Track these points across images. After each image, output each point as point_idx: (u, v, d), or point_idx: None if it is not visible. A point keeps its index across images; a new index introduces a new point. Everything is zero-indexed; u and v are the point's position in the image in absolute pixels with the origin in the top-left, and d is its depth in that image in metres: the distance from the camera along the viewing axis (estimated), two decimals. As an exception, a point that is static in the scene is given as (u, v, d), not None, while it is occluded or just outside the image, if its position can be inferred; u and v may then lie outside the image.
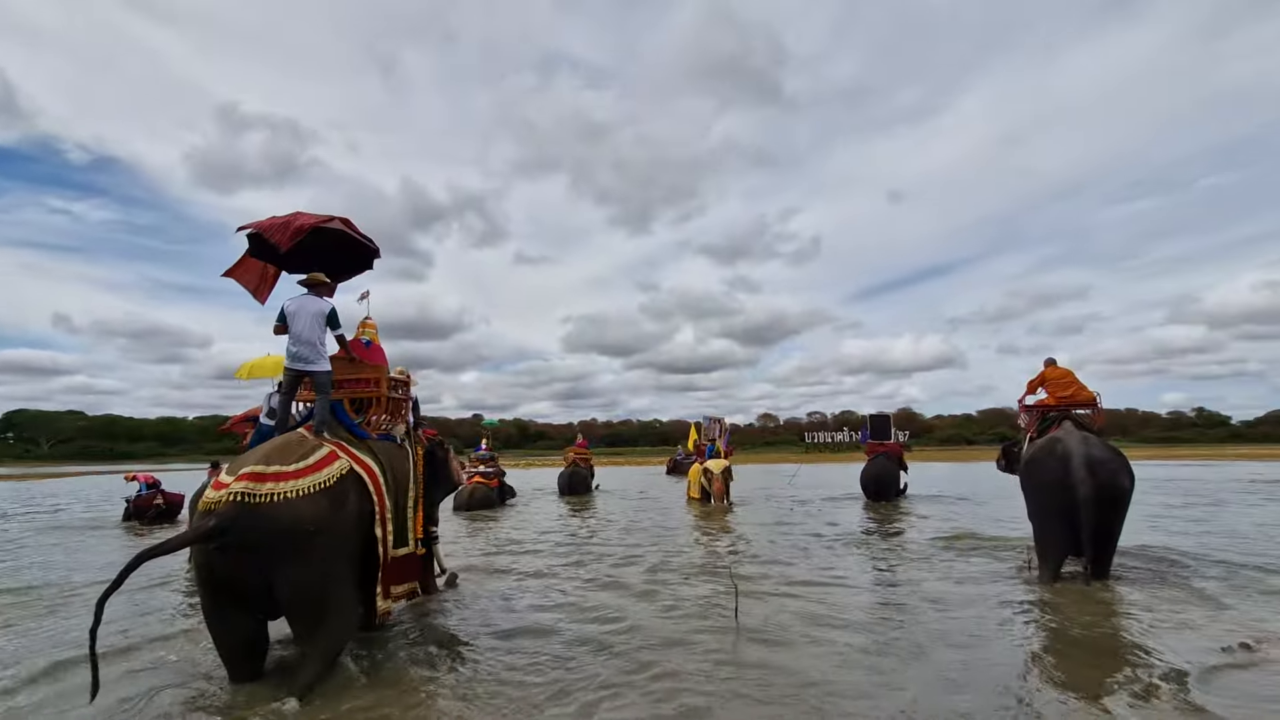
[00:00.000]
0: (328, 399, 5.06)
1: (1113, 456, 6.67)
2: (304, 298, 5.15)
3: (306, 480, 4.20)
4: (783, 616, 5.68)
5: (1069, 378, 7.89)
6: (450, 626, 5.56)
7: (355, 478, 4.64)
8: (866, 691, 3.96)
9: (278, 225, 4.89)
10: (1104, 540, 6.57)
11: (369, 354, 5.71)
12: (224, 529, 3.88)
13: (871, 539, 10.38)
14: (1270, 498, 16.48)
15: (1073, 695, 3.82)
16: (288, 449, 4.37)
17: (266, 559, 3.96)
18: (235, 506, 3.93)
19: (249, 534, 3.91)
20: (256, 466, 4.12)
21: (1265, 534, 10.13)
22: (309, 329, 5.01)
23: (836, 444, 68.72)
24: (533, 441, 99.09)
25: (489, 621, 5.67)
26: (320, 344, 5.09)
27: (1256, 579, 6.80)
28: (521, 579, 7.55)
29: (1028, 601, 6.04)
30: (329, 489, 4.30)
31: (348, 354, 5.44)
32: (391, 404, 5.61)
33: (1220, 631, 4.98)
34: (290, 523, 4.00)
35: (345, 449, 4.74)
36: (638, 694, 3.99)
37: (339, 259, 5.74)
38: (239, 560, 3.93)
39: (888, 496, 16.76)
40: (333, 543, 4.27)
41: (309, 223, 4.92)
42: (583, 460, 22.05)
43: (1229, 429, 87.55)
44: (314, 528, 4.10)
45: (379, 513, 4.80)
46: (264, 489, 4.01)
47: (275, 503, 4.00)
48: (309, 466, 4.29)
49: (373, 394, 5.45)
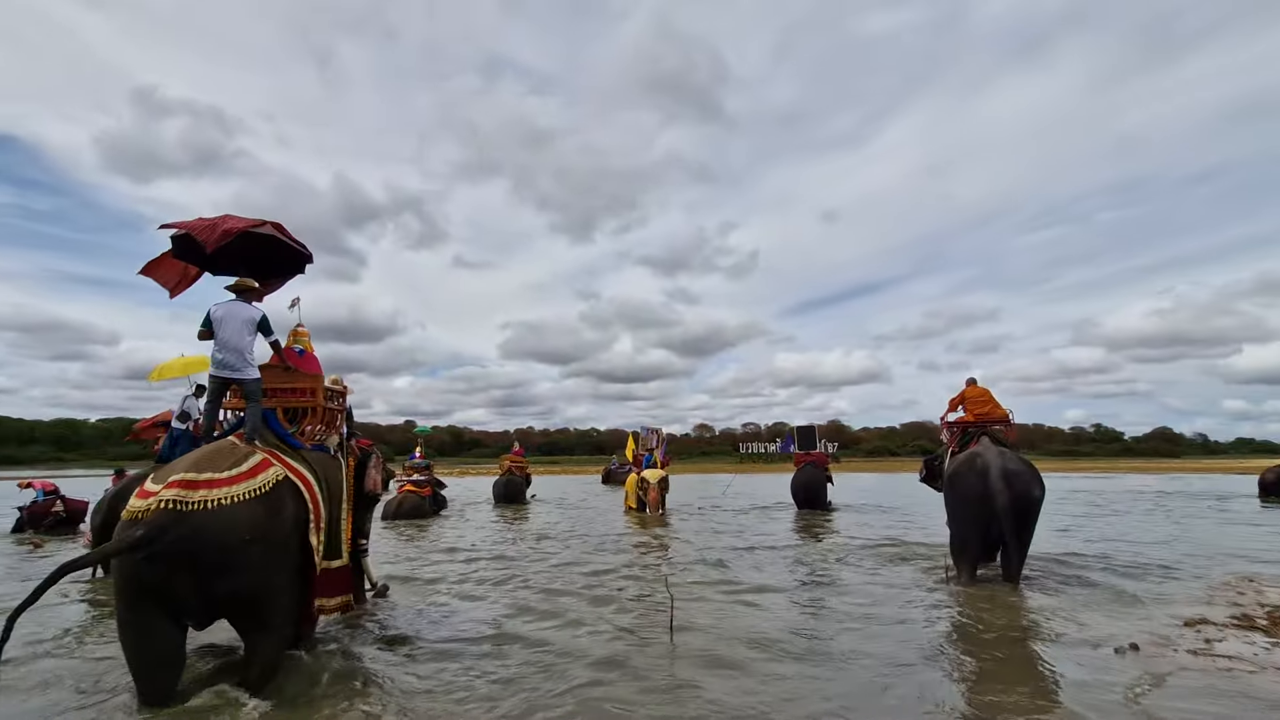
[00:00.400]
0: (259, 406, 4.90)
1: (1026, 469, 7.18)
2: (232, 304, 4.97)
3: (240, 487, 4.05)
4: (717, 625, 5.79)
5: (986, 396, 8.44)
6: (379, 641, 5.38)
7: (290, 485, 4.48)
8: (800, 695, 4.10)
9: (205, 226, 4.69)
10: (1018, 545, 7.06)
11: (303, 363, 5.57)
12: (152, 538, 3.68)
13: (803, 548, 10.69)
14: (1158, 507, 18.03)
15: (987, 695, 4.08)
16: (219, 456, 4.21)
17: (200, 569, 3.80)
18: (166, 514, 3.75)
19: (181, 543, 3.73)
20: (188, 474, 3.95)
21: (1154, 541, 11.08)
22: (237, 336, 4.83)
23: (769, 455, 70.41)
24: (467, 449, 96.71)
25: (420, 635, 5.53)
26: (248, 351, 4.90)
27: (1146, 584, 7.42)
28: (452, 591, 7.38)
29: (948, 606, 6.39)
30: (264, 496, 4.17)
31: (283, 362, 5.27)
32: (327, 414, 5.45)
33: (1115, 631, 5.40)
34: (224, 531, 3.86)
35: (278, 457, 4.58)
36: (572, 704, 3.99)
37: (268, 263, 5.49)
38: (169, 570, 3.74)
39: (818, 503, 17.36)
40: (269, 551, 4.14)
41: (238, 226, 4.74)
42: (519, 469, 21.79)
43: (1122, 444, 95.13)
44: (249, 536, 3.97)
45: (314, 522, 4.64)
46: (196, 496, 3.86)
47: (208, 510, 3.85)
48: (242, 473, 4.14)
49: (308, 404, 5.28)
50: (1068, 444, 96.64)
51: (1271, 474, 20.28)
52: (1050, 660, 4.71)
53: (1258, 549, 10.09)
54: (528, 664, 4.76)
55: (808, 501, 17.42)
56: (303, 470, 4.72)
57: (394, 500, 15.67)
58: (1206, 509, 17.50)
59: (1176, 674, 4.34)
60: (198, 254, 5.07)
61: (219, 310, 4.90)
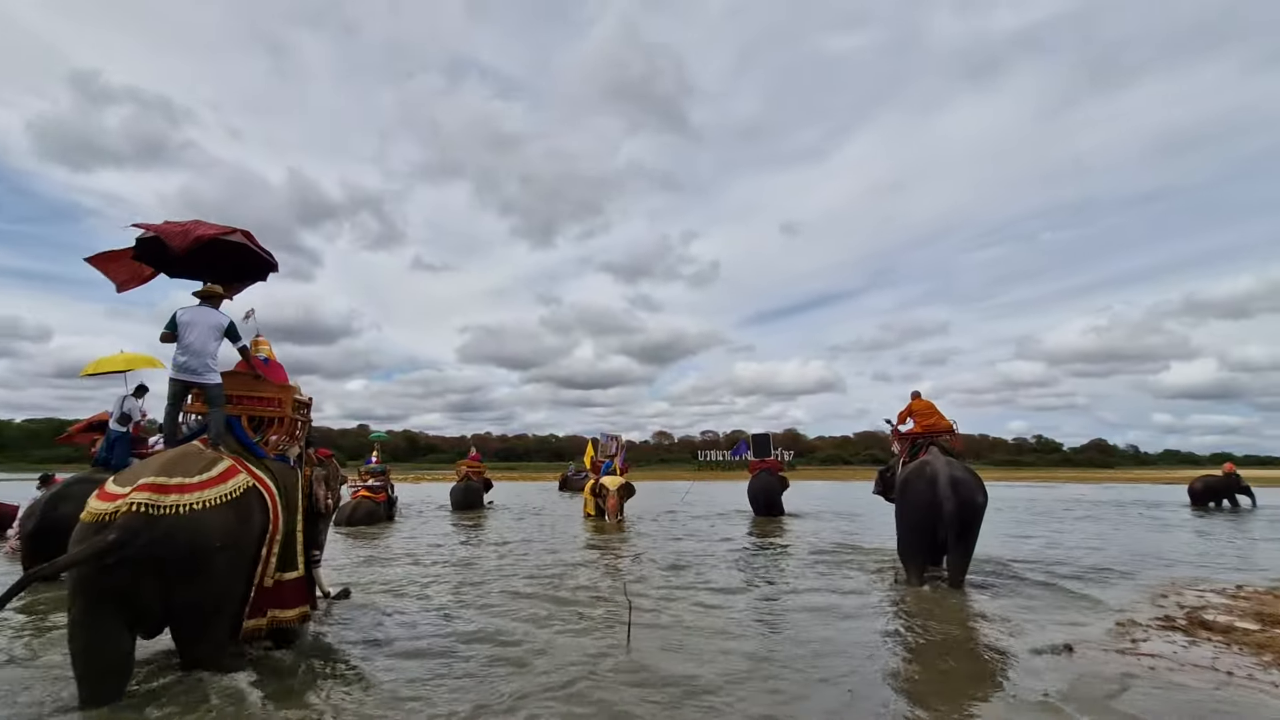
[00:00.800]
0: (221, 412, 4.87)
1: (971, 477, 7.57)
2: (198, 309, 4.98)
3: (211, 492, 4.02)
4: (674, 628, 5.86)
5: (931, 408, 8.86)
6: (340, 644, 5.28)
7: (258, 493, 4.48)
8: (751, 696, 4.20)
9: (178, 231, 4.67)
10: (962, 550, 7.45)
11: (270, 371, 5.54)
12: (125, 542, 3.61)
13: (759, 552, 10.88)
14: (1092, 515, 18.99)
15: (929, 695, 4.27)
16: (187, 460, 4.15)
17: (168, 574, 3.75)
18: (138, 518, 3.69)
19: (153, 547, 3.67)
20: (157, 478, 3.89)
21: (1089, 547, 11.67)
22: (202, 340, 4.83)
23: (727, 462, 71.21)
24: (423, 454, 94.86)
25: (379, 639, 5.43)
26: (212, 357, 4.90)
27: (1080, 588, 7.82)
28: (411, 595, 7.27)
29: (896, 609, 6.62)
30: (234, 502, 4.15)
31: (250, 370, 5.27)
32: (291, 424, 5.43)
33: (1051, 634, 5.68)
34: (196, 536, 3.83)
35: (244, 464, 4.54)
36: (528, 707, 4.01)
37: (231, 269, 5.43)
38: (135, 575, 3.67)
39: (775, 509, 17.73)
40: (236, 559, 4.14)
41: (209, 233, 4.74)
42: (476, 474, 21.54)
43: (1061, 454, 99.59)
44: (219, 543, 3.95)
45: (271, 532, 4.60)
46: (168, 500, 3.81)
47: (180, 515, 3.81)
48: (212, 479, 4.11)
49: (275, 413, 5.28)
50: (1011, 454, 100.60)
51: (1199, 484, 21.64)
52: (989, 661, 4.94)
53: (1181, 555, 10.76)
54: (485, 668, 4.73)
55: (766, 507, 17.75)
56: (266, 479, 4.68)
57: (348, 506, 15.34)
58: (1138, 516, 18.53)
59: (1106, 673, 4.60)
60: (158, 256, 5.02)
61: (186, 314, 4.89)
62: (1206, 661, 4.83)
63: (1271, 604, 6.71)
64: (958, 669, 4.77)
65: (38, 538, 7.76)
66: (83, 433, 11.11)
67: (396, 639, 5.51)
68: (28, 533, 7.98)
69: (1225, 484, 21.08)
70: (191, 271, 5.31)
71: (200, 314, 4.94)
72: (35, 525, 7.90)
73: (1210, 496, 21.06)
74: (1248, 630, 5.70)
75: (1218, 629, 5.73)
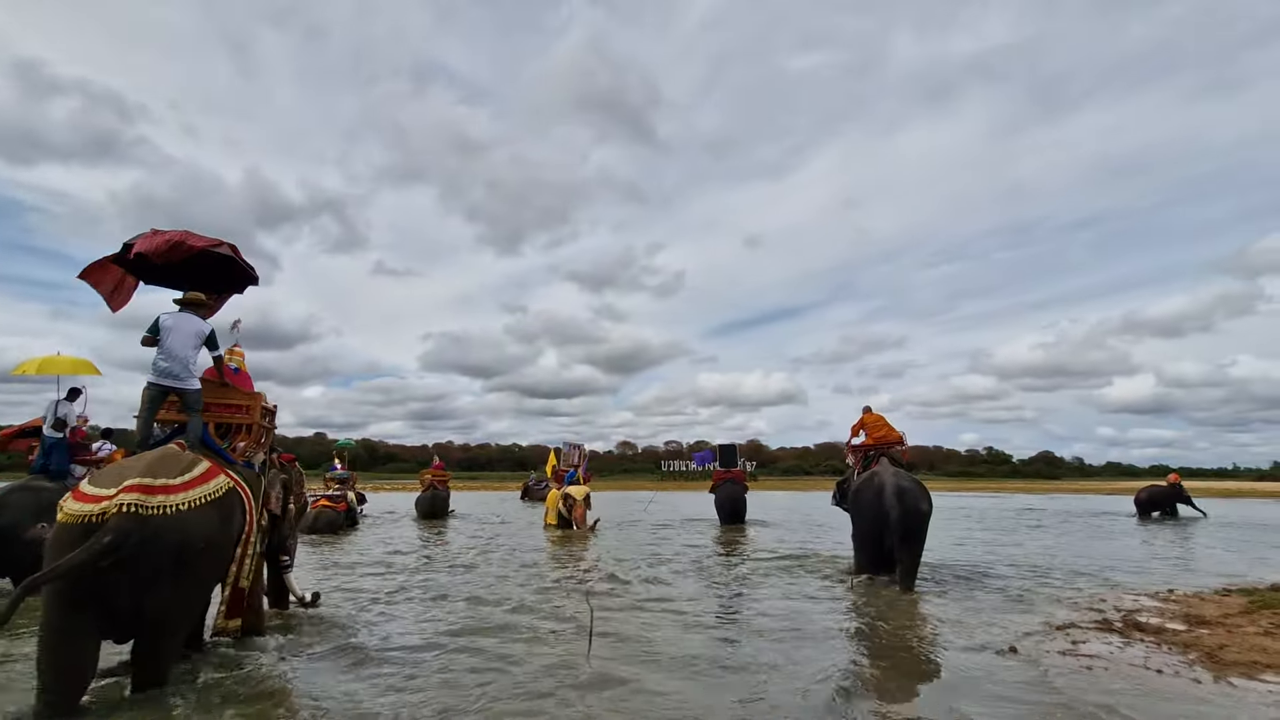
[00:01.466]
0: (199, 417, 5.00)
1: (916, 487, 8.06)
2: (181, 315, 5.09)
3: (195, 492, 4.07)
4: (635, 635, 5.95)
5: (882, 421, 9.39)
6: (298, 653, 5.21)
7: (237, 494, 4.56)
8: (710, 700, 4.32)
9: (167, 246, 4.83)
10: (909, 555, 7.84)
11: (239, 380, 5.70)
12: (119, 544, 3.59)
13: (721, 560, 11.06)
14: (1039, 524, 19.79)
15: (880, 695, 4.47)
16: (167, 461, 4.18)
17: (153, 574, 3.75)
18: (130, 519, 3.69)
19: (144, 547, 3.68)
20: (143, 479, 3.90)
21: (1034, 554, 12.18)
22: (182, 346, 4.95)
23: (690, 472, 71.46)
24: (383, 463, 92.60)
25: (347, 645, 5.38)
26: (192, 363, 5.02)
27: (1026, 592, 8.17)
28: (379, 602, 7.19)
29: (850, 612, 6.87)
30: (217, 502, 4.22)
31: (220, 378, 5.40)
32: (259, 432, 5.55)
33: (997, 635, 5.94)
34: (183, 537, 3.88)
35: (221, 467, 4.57)
36: (490, 711, 4.05)
37: (211, 278, 5.55)
38: (118, 576, 3.63)
39: (739, 517, 18.29)
40: (216, 559, 4.19)
41: (199, 245, 4.93)
42: (440, 482, 21.50)
43: (1011, 466, 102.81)
44: (203, 544, 4.01)
45: (246, 534, 4.66)
46: (155, 501, 3.82)
47: (168, 516, 3.84)
48: (195, 479, 4.15)
49: (243, 420, 5.43)
50: (963, 465, 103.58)
51: (1144, 494, 22.56)
52: (939, 662, 5.17)
53: (1119, 561, 11.32)
54: (452, 675, 4.75)
55: (731, 515, 18.21)
56: (241, 482, 4.70)
57: (309, 515, 15.06)
58: (1082, 525, 19.36)
59: (1048, 673, 4.86)
60: (141, 265, 5.10)
61: (169, 320, 4.99)
62: (1139, 660, 5.14)
63: (1198, 606, 7.16)
64: (907, 669, 4.99)
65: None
66: (13, 440, 10.61)
67: (363, 645, 5.49)
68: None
69: (1168, 494, 21.88)
70: (172, 280, 5.45)
71: (182, 320, 5.02)
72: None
73: (1154, 506, 21.86)
74: (1176, 631, 6.07)
75: (1150, 630, 6.10)
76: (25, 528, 8.03)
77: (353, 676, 4.75)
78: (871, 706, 4.20)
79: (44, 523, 8.20)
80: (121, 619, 3.82)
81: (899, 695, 4.41)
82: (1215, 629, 6.06)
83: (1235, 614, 6.64)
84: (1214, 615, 6.61)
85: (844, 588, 8.26)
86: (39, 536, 8.36)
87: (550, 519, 17.24)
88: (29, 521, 8.07)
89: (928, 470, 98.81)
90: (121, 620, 3.83)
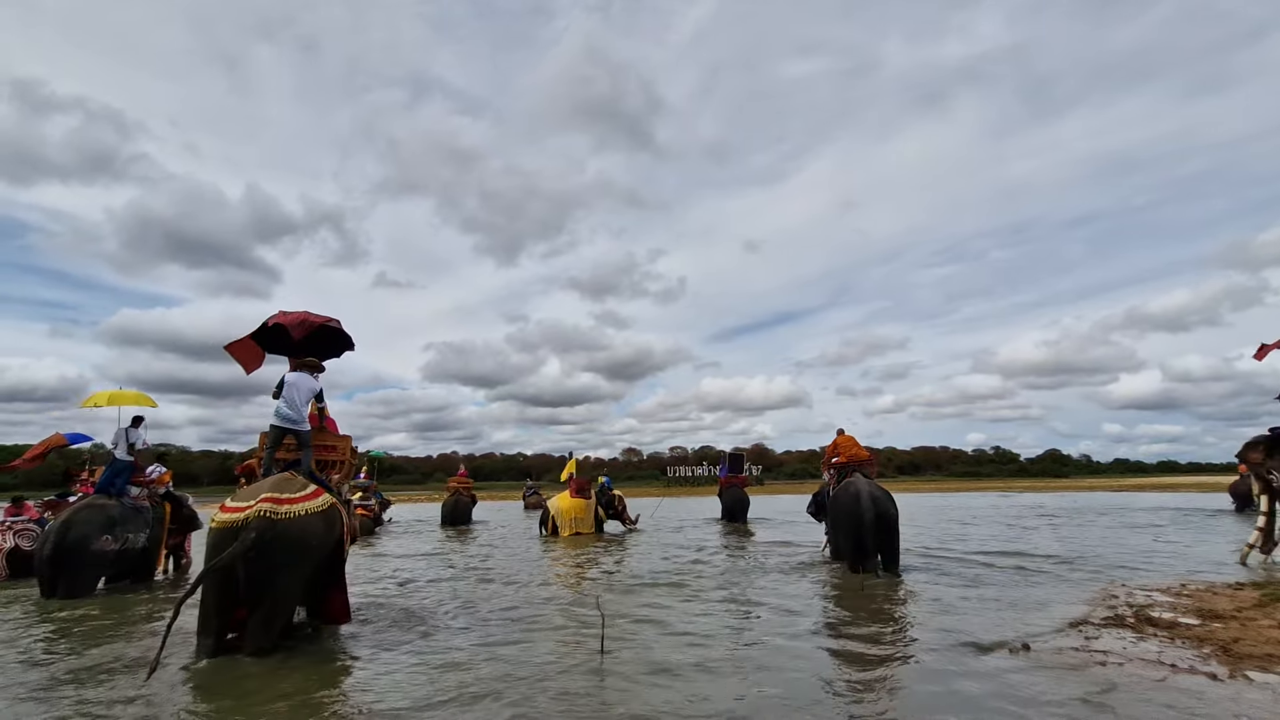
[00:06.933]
0: (310, 451, 6.49)
1: (885, 495, 9.50)
2: (299, 374, 6.63)
3: (308, 505, 5.47)
4: (648, 642, 5.93)
5: (853, 442, 10.99)
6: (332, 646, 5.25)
7: (337, 510, 5.85)
8: (721, 709, 4.32)
9: (295, 323, 6.33)
10: (889, 549, 9.33)
11: (332, 425, 7.21)
12: (260, 539, 5.03)
13: (727, 562, 11.06)
14: (1048, 521, 19.69)
15: (891, 695, 4.45)
16: (287, 483, 5.62)
17: (275, 562, 5.10)
18: (265, 521, 5.13)
19: (275, 542, 5.10)
20: (272, 493, 5.37)
21: (1047, 550, 12.10)
22: (301, 398, 6.46)
23: (696, 478, 71.10)
24: (387, 475, 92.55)
25: (377, 644, 5.40)
26: (305, 410, 6.51)
27: (1038, 590, 8.15)
28: (403, 603, 7.20)
29: (863, 610, 6.82)
30: (323, 513, 5.59)
31: (320, 424, 6.91)
32: (348, 467, 7.11)
33: (1010, 633, 5.93)
34: (301, 535, 5.30)
35: (323, 489, 5.92)
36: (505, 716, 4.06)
37: (320, 347, 7.11)
38: (256, 563, 5.03)
39: (742, 518, 20.36)
40: (322, 555, 5.61)
41: (318, 321, 6.52)
42: (465, 490, 22.15)
43: (1018, 464, 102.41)
44: (315, 541, 5.44)
45: (343, 540, 6.07)
46: (281, 510, 5.26)
47: (292, 519, 5.28)
48: (308, 495, 5.57)
49: (338, 458, 6.97)
50: (969, 465, 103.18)
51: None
52: (952, 660, 5.15)
53: (1130, 555, 11.26)
54: (457, 678, 4.75)
55: (733, 516, 20.42)
56: (339, 502, 6.05)
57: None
58: (1091, 521, 19.28)
59: (1061, 670, 4.85)
60: (271, 339, 6.76)
61: (292, 377, 6.55)
62: (1153, 655, 5.11)
63: (1210, 599, 7.12)
64: (919, 667, 4.96)
65: (54, 562, 8.44)
66: (34, 458, 10.79)
67: (389, 639, 5.60)
68: (44, 557, 8.52)
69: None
70: (291, 351, 6.92)
71: (300, 379, 6.58)
72: (51, 550, 8.47)
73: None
74: (1189, 625, 6.04)
75: (1163, 625, 6.06)
76: (93, 540, 8.85)
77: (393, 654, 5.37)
78: (882, 707, 4.18)
79: (109, 535, 9.09)
80: (252, 592, 5.11)
81: (910, 695, 4.38)
82: (1229, 623, 6.02)
83: (1249, 607, 6.61)
84: (1227, 609, 6.57)
85: (842, 585, 8.34)
86: (105, 549, 8.94)
87: (565, 531, 16.34)
88: (96, 535, 8.89)
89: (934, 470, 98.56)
90: (252, 593, 5.11)
